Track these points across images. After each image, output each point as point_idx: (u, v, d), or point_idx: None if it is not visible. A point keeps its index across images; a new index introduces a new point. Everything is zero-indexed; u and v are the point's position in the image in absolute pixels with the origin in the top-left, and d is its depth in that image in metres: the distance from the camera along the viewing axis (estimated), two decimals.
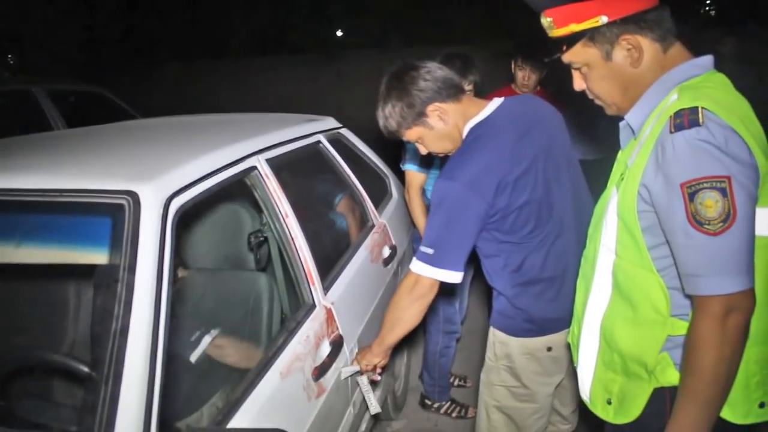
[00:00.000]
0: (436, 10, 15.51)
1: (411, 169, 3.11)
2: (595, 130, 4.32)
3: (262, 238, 2.34)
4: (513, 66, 3.94)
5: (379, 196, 3.38)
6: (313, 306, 2.16)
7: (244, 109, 3.90)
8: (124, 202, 1.58)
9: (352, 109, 11.89)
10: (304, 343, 2.00)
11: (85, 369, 1.41)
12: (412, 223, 3.28)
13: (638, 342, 1.53)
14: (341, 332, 2.24)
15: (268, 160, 2.30)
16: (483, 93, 3.23)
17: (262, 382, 1.75)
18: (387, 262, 3.02)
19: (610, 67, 1.52)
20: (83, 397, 1.34)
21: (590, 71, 1.56)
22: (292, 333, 1.99)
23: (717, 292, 1.31)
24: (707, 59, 1.52)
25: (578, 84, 1.63)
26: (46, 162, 1.93)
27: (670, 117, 1.37)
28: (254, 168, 2.19)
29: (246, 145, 2.23)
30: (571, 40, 1.54)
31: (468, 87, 3.05)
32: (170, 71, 14.57)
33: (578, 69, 1.60)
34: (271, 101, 8.41)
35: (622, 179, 1.52)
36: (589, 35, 1.50)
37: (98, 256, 1.52)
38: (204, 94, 12.79)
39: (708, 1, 14.46)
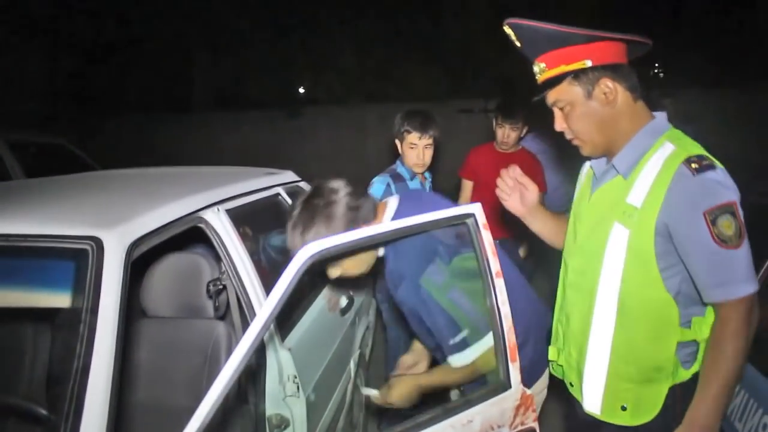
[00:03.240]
0: (397, 69, 15.87)
1: None
2: (562, 188, 4.54)
3: (221, 286, 2.40)
4: (494, 125, 4.12)
5: None
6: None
7: (205, 162, 3.97)
8: (87, 247, 1.64)
9: (313, 164, 12.03)
10: None
11: (44, 411, 1.44)
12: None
13: (657, 353, 1.78)
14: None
15: (228, 211, 2.38)
16: (443, 149, 3.36)
17: None
18: (344, 312, 3.09)
19: (589, 106, 1.79)
20: None
21: (572, 109, 1.81)
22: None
23: (746, 292, 1.65)
24: (665, 114, 1.86)
25: (559, 124, 1.88)
26: (11, 208, 1.97)
27: (684, 163, 1.67)
28: (214, 218, 2.27)
29: (206, 196, 2.31)
30: (558, 80, 1.80)
31: (428, 141, 3.19)
32: (131, 124, 14.57)
33: (561, 108, 1.85)
34: (232, 155, 8.50)
35: (629, 216, 1.75)
36: (574, 75, 1.78)
37: (61, 299, 1.57)
38: (165, 147, 12.78)
39: (657, 65, 15.31)
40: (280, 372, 2.22)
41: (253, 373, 2.20)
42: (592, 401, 1.90)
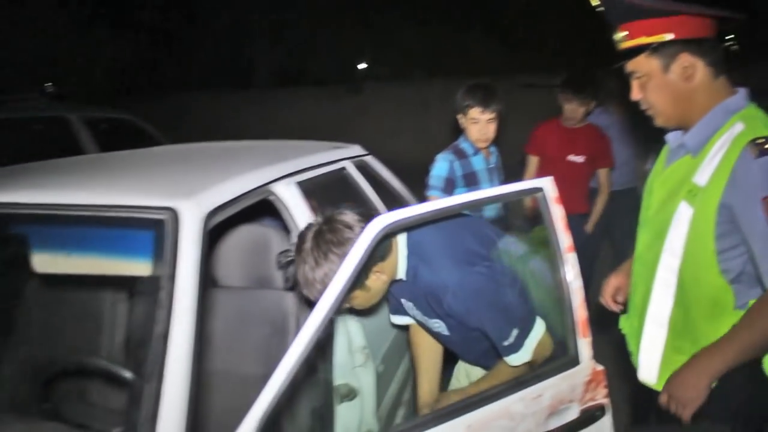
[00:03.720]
0: (460, 43, 15.69)
1: (435, 196, 3.20)
2: (631, 163, 4.45)
3: (291, 258, 2.43)
4: (560, 99, 4.05)
5: None
6: None
7: (268, 138, 4.02)
8: (165, 217, 1.68)
9: (375, 140, 12.04)
10: None
11: (127, 373, 1.50)
12: None
13: (711, 333, 1.74)
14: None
15: (297, 183, 2.41)
16: (506, 124, 3.32)
17: None
18: None
19: (666, 79, 1.78)
20: (127, 399, 1.42)
21: (648, 81, 1.81)
22: None
23: None
24: (747, 91, 1.81)
25: (636, 93, 1.87)
26: (92, 179, 2.05)
27: (749, 144, 1.64)
28: (285, 190, 2.30)
29: (278, 168, 2.35)
30: (637, 51, 1.79)
31: (491, 115, 3.15)
32: (197, 101, 14.86)
33: (638, 78, 1.84)
34: (293, 131, 8.57)
35: (693, 195, 1.75)
36: (653, 48, 1.77)
37: (141, 267, 1.62)
38: (230, 124, 13.01)
39: (732, 38, 14.66)
40: (349, 342, 2.24)
41: (322, 343, 2.23)
42: (648, 372, 1.93)
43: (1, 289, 2.57)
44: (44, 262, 1.79)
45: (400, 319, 2.30)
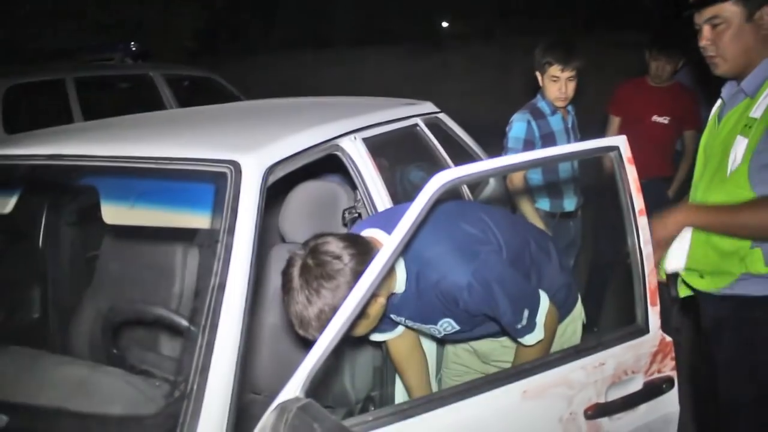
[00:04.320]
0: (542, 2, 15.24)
1: None
2: None
3: (356, 214, 2.41)
4: (647, 57, 3.87)
5: (476, 183, 3.38)
6: None
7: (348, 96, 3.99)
8: (227, 170, 1.68)
9: (455, 100, 11.88)
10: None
11: (184, 321, 1.52)
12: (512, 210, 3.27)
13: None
14: None
15: (364, 139, 2.37)
16: (585, 82, 3.19)
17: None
18: None
19: (744, 29, 1.84)
20: (181, 347, 1.45)
21: (727, 28, 1.85)
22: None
23: None
24: None
25: (705, 38, 1.91)
26: (161, 133, 2.08)
27: None
28: (350, 146, 2.27)
29: (343, 124, 2.32)
30: None
31: (571, 73, 3.03)
32: (280, 61, 15.02)
33: (715, 25, 1.87)
34: (373, 90, 8.52)
35: (749, 128, 1.83)
36: None
37: (202, 220, 1.63)
38: (311, 83, 13.09)
39: None
40: None
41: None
42: (677, 260, 2.03)
43: (80, 239, 2.68)
44: (112, 213, 1.82)
45: (380, 336, 2.12)
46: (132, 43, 6.07)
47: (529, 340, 1.87)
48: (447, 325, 1.93)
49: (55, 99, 5.10)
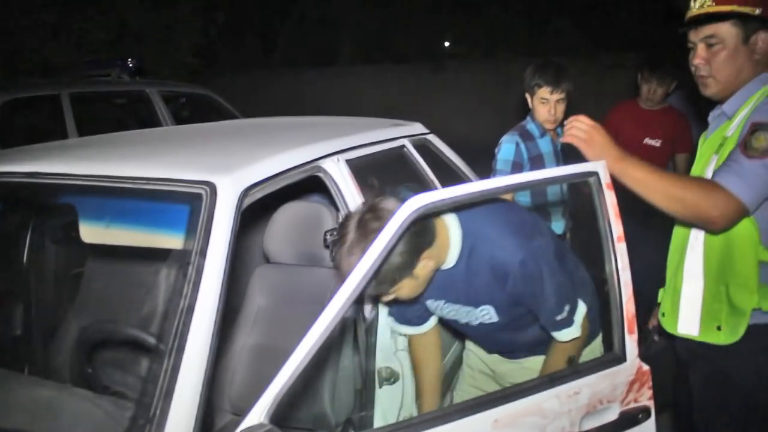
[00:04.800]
0: (542, 22, 15.29)
1: None
2: None
3: (335, 238, 2.40)
4: (639, 79, 3.88)
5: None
6: None
7: (349, 114, 3.98)
8: (202, 191, 1.68)
9: (457, 119, 11.90)
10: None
11: (152, 340, 1.51)
12: None
13: (742, 269, 1.83)
14: None
15: (348, 161, 2.37)
16: (586, 103, 3.20)
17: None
18: None
19: (739, 51, 1.85)
20: (148, 366, 1.44)
21: (722, 49, 1.86)
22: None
23: (736, 192, 1.67)
24: None
25: (700, 57, 1.90)
26: (140, 153, 2.08)
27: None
28: (333, 167, 2.27)
29: (326, 145, 2.31)
30: (723, 17, 1.84)
31: (560, 96, 3.03)
32: (280, 78, 15.07)
33: (711, 44, 1.87)
34: (375, 108, 8.56)
35: (721, 146, 1.86)
36: (740, 17, 1.82)
37: (175, 240, 1.62)
38: (312, 101, 13.13)
39: None
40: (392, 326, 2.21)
41: (365, 327, 2.21)
42: (690, 324, 1.96)
43: (65, 257, 2.68)
44: (89, 232, 1.83)
45: (408, 329, 2.16)
46: (129, 59, 6.09)
47: (566, 335, 1.90)
48: (486, 313, 1.96)
49: (51, 114, 5.11)
